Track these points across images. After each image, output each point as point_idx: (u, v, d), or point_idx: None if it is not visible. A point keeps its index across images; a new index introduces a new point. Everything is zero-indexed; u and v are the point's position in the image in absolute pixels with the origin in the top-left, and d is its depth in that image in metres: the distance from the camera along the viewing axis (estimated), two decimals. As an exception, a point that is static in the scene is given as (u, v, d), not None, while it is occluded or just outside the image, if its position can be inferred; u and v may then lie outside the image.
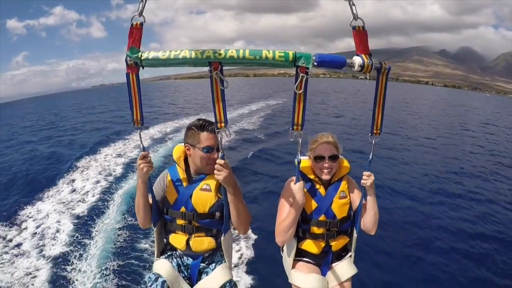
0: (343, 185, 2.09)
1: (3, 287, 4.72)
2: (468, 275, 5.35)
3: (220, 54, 1.53)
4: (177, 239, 2.01)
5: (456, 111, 37.66)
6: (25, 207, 7.73)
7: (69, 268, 5.31)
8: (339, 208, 2.04)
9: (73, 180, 9.60)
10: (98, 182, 9.23)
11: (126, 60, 1.56)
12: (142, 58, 1.53)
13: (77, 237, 6.24)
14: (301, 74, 1.56)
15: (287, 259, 2.10)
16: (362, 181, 1.92)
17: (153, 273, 1.96)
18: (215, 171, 1.75)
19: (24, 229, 6.70)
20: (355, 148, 12.45)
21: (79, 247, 5.97)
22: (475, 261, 5.75)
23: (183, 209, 1.97)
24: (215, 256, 2.10)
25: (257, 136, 15.57)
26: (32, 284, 4.89)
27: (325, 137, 2.05)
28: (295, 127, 1.65)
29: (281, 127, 17.45)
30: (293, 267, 2.08)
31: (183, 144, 2.03)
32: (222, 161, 1.73)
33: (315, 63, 1.55)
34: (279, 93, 46.36)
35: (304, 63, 1.55)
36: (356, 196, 2.09)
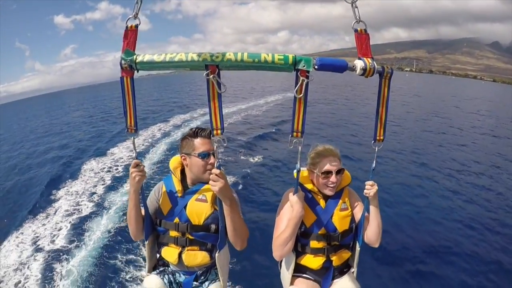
0: (344, 196, 1.98)
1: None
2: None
3: (217, 57, 1.48)
4: (169, 252, 1.92)
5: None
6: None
7: (54, 280, 5.07)
8: (340, 220, 1.93)
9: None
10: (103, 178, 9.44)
11: (120, 63, 1.54)
12: (137, 61, 1.51)
13: (65, 242, 6.14)
14: (301, 78, 1.49)
15: (285, 275, 1.99)
16: (365, 191, 1.83)
17: None
18: (210, 182, 1.67)
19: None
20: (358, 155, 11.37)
21: (64, 254, 5.74)
22: (490, 277, 5.27)
23: (176, 220, 1.89)
24: (209, 274, 2.00)
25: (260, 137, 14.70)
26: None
27: (329, 150, 1.93)
28: (294, 133, 1.59)
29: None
30: (292, 283, 1.97)
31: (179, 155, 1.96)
32: (217, 171, 1.65)
33: (316, 67, 1.50)
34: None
35: (304, 66, 1.49)
36: (358, 208, 1.98)
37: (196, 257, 1.90)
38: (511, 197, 8.75)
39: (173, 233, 1.90)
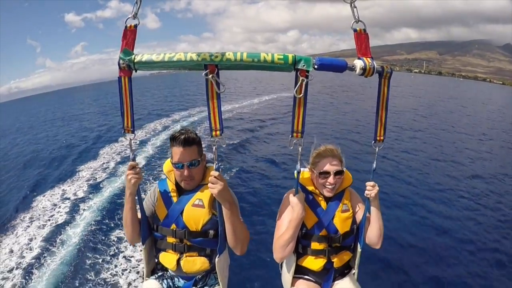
0: (345, 197, 1.95)
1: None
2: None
3: (216, 57, 1.47)
4: (167, 259, 1.84)
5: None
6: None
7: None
8: (341, 222, 1.89)
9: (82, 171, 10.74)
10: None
11: (118, 63, 1.51)
12: (135, 61, 1.49)
13: (54, 247, 5.91)
14: (301, 78, 1.48)
15: (286, 277, 1.94)
16: (366, 192, 1.80)
17: None
18: (209, 184, 1.61)
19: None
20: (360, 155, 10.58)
21: (56, 258, 5.53)
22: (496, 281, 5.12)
23: (173, 226, 1.79)
24: (208, 278, 1.92)
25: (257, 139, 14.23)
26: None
27: (329, 150, 1.90)
28: (294, 134, 1.58)
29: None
30: (292, 285, 1.93)
31: None
32: (216, 173, 1.59)
33: (315, 66, 1.48)
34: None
35: (304, 66, 1.47)
36: (359, 209, 1.95)
37: (195, 263, 1.83)
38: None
39: (170, 239, 1.82)
